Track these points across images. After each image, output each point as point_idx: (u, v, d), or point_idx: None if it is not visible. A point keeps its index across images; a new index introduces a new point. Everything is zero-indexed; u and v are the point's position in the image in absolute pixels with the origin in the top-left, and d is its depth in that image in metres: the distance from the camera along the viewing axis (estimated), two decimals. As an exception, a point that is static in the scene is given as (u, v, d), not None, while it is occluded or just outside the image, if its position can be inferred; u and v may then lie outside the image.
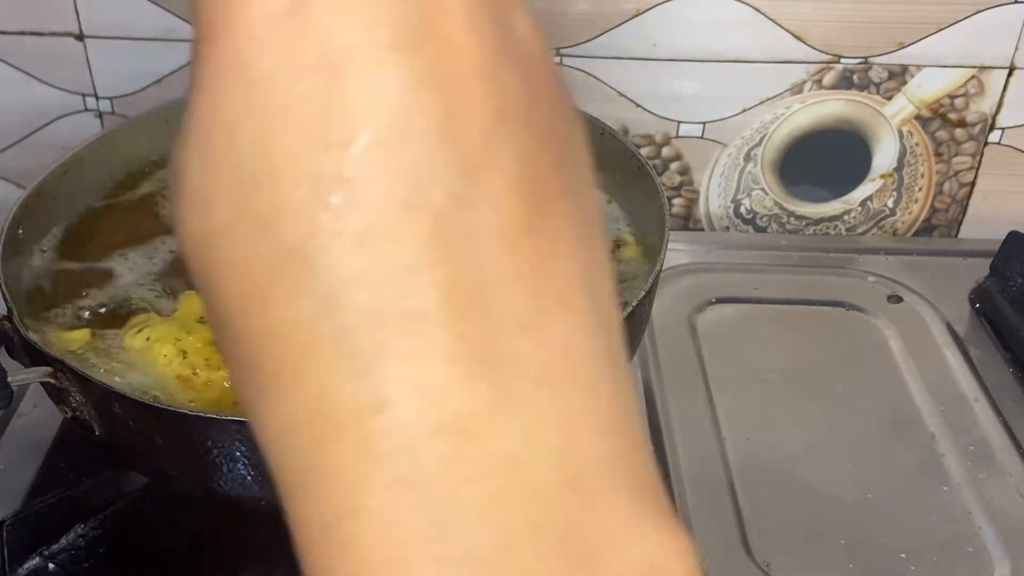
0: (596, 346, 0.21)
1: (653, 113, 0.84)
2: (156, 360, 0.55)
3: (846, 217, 0.89)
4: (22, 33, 0.82)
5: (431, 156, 0.19)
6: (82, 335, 0.60)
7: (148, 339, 0.56)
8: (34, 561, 0.56)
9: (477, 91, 0.20)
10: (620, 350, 0.22)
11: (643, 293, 0.57)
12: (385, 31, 0.19)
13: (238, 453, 0.49)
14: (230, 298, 0.20)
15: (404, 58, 0.19)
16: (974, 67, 0.81)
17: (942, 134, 0.85)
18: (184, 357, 0.55)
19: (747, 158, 0.86)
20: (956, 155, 0.86)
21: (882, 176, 0.87)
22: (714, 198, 0.88)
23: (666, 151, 0.86)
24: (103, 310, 0.61)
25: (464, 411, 0.20)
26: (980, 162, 0.86)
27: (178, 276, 0.62)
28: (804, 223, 0.89)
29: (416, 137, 0.19)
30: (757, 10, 0.79)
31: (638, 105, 0.83)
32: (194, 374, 0.54)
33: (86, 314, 0.60)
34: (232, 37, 0.20)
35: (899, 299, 0.79)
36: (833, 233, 0.90)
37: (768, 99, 0.83)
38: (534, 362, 0.20)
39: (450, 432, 0.19)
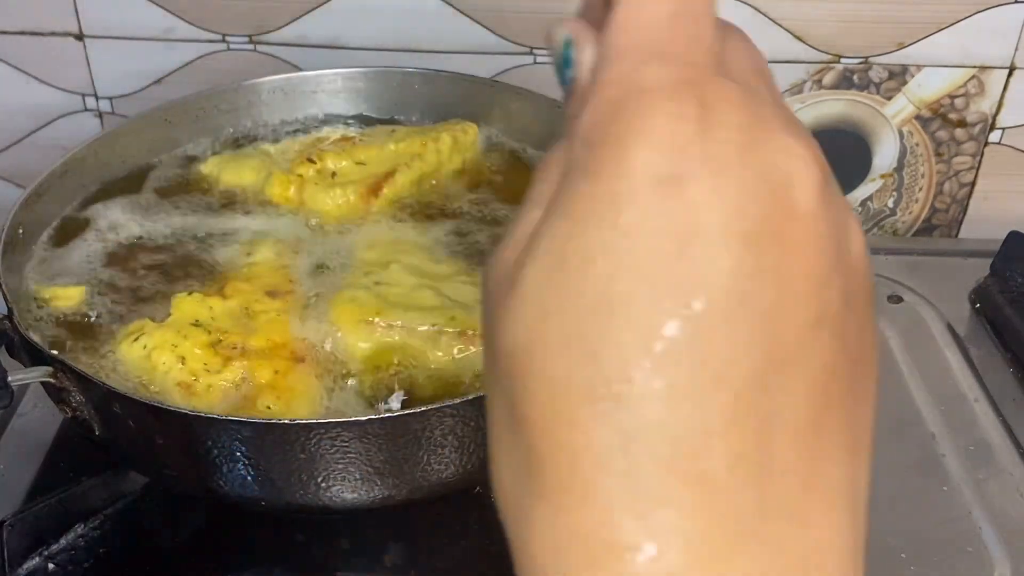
0: (849, 548, 0.23)
1: (653, 113, 0.84)
2: (155, 368, 0.54)
3: (846, 217, 0.89)
4: (22, 33, 0.82)
5: (748, 340, 0.22)
6: (77, 292, 0.59)
7: (145, 347, 0.55)
8: (34, 561, 0.56)
9: (805, 293, 0.22)
10: (863, 557, 0.24)
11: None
12: (742, 222, 0.21)
13: (238, 453, 0.49)
14: (536, 405, 0.22)
15: (751, 249, 0.22)
16: (974, 67, 0.81)
17: (942, 134, 0.85)
18: (183, 363, 0.54)
19: (747, 158, 0.86)
20: (956, 155, 0.86)
21: (882, 176, 0.87)
22: (714, 198, 0.88)
23: (666, 151, 0.86)
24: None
25: (722, 574, 0.21)
26: (980, 162, 0.86)
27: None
28: (804, 223, 0.89)
29: (740, 319, 0.21)
30: (757, 10, 0.79)
31: (638, 105, 0.83)
32: (195, 380, 0.53)
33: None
34: (615, 183, 0.22)
35: (899, 299, 0.79)
36: (833, 233, 0.90)
37: (768, 99, 0.83)
38: (793, 549, 0.22)
39: None
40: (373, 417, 0.49)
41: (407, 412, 0.49)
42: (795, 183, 0.22)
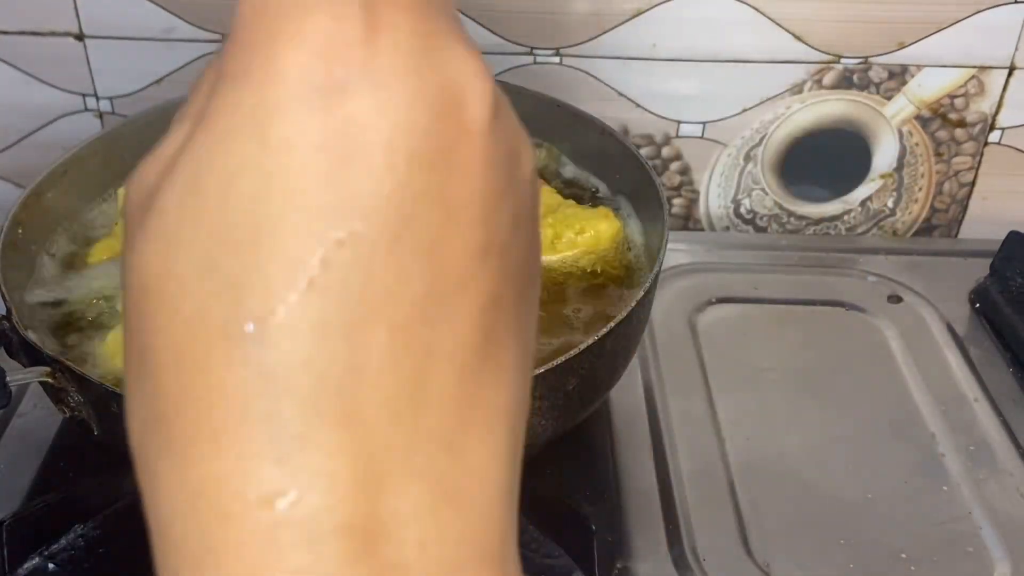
0: (505, 469, 0.22)
1: (653, 113, 0.84)
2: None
3: (846, 217, 0.89)
4: (22, 33, 0.82)
5: (409, 270, 0.20)
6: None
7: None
8: (34, 561, 0.56)
9: (473, 219, 0.20)
10: (517, 484, 0.23)
11: (643, 293, 0.57)
12: (408, 140, 0.20)
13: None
14: (166, 345, 0.20)
15: (417, 171, 0.20)
16: (974, 67, 0.81)
17: (942, 134, 0.85)
18: None
19: (747, 158, 0.86)
20: (956, 155, 0.86)
21: (882, 176, 0.87)
22: (714, 198, 0.88)
23: (666, 151, 0.86)
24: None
25: (373, 514, 0.20)
26: (980, 162, 0.86)
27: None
28: (804, 223, 0.89)
29: (402, 248, 0.20)
30: (757, 10, 0.79)
31: (638, 105, 0.83)
32: None
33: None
34: (263, 91, 0.19)
35: (899, 299, 0.79)
36: (833, 233, 0.90)
37: (768, 99, 0.83)
38: (447, 479, 0.21)
39: (356, 532, 0.20)
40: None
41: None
42: (468, 99, 0.20)
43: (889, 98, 0.83)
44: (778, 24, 0.80)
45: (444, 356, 0.20)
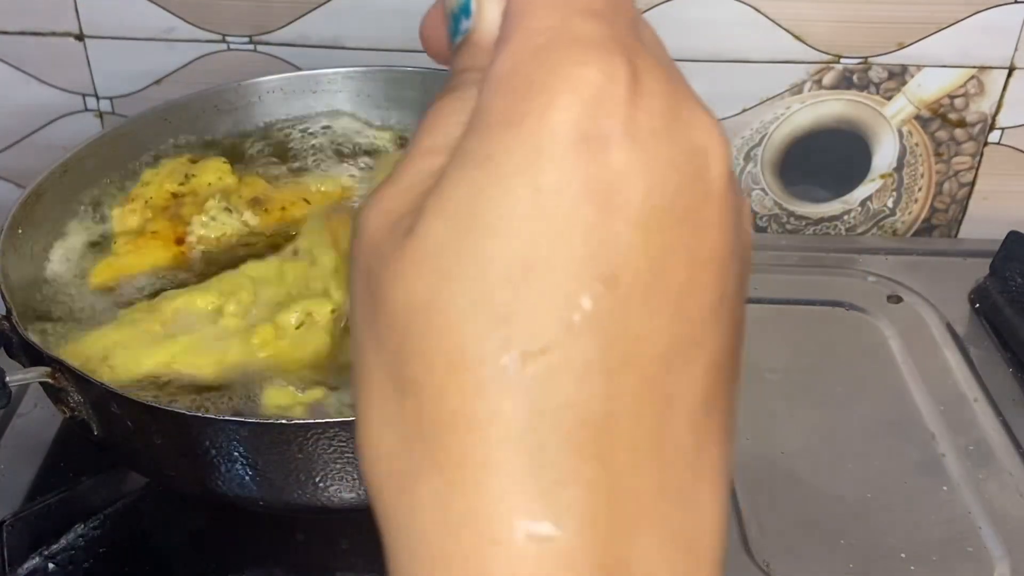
0: (725, 529, 0.23)
1: (653, 113, 0.84)
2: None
3: (846, 217, 0.89)
4: (22, 33, 0.82)
5: (659, 317, 0.21)
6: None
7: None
8: (34, 561, 0.56)
9: (712, 273, 0.22)
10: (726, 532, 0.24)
11: (643, 293, 0.56)
12: (662, 196, 0.21)
13: (235, 453, 0.49)
14: (433, 370, 0.21)
15: (668, 226, 0.21)
16: (974, 67, 0.81)
17: (942, 134, 0.85)
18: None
19: (747, 158, 0.86)
20: (956, 155, 0.86)
21: (882, 176, 0.87)
22: (714, 198, 0.88)
23: (666, 151, 0.86)
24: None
25: (623, 558, 0.21)
26: (980, 162, 0.86)
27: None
28: (804, 223, 0.89)
29: (654, 297, 0.21)
30: (757, 10, 0.79)
31: (638, 105, 0.83)
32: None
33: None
34: (538, 139, 0.20)
35: (899, 299, 0.79)
36: (833, 233, 0.90)
37: (768, 99, 0.83)
38: (683, 531, 0.22)
39: (607, 573, 0.20)
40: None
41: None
42: (711, 161, 0.22)
43: (889, 98, 0.83)
44: (778, 24, 0.80)
45: (682, 407, 0.22)
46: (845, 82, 0.82)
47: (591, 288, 0.20)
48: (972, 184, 0.87)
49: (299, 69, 0.80)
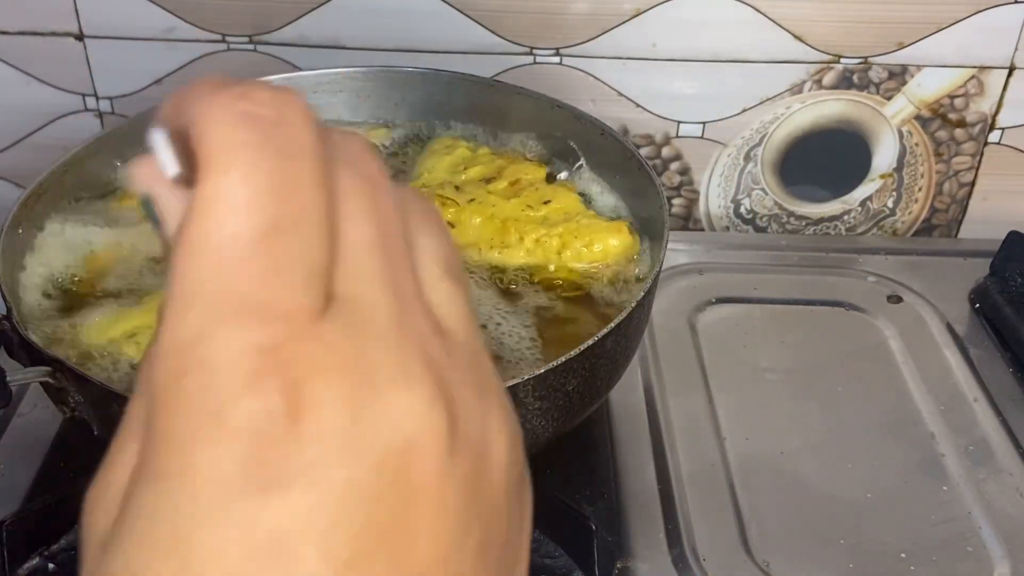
0: None
1: (653, 113, 0.84)
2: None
3: (846, 217, 0.89)
4: (22, 33, 0.82)
5: None
6: None
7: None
8: (34, 561, 0.56)
9: (434, 563, 0.19)
10: None
11: (643, 293, 0.57)
12: (347, 529, 0.18)
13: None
14: None
15: (364, 553, 0.18)
16: (974, 67, 0.81)
17: (942, 134, 0.85)
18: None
19: (747, 158, 0.86)
20: (956, 155, 0.86)
21: (882, 176, 0.87)
22: (714, 198, 0.88)
23: (666, 151, 0.86)
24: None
25: None
26: (980, 162, 0.86)
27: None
28: (804, 223, 0.89)
29: None
30: (757, 10, 0.79)
31: (638, 105, 0.83)
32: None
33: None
34: (183, 503, 0.18)
35: (899, 299, 0.79)
36: (833, 233, 0.90)
37: (768, 99, 0.83)
38: None
39: None
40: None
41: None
42: (413, 450, 0.19)
43: (889, 98, 0.83)
44: (778, 24, 0.80)
45: None
46: (845, 82, 0.82)
47: None
48: (972, 184, 0.87)
49: (299, 69, 0.80)
